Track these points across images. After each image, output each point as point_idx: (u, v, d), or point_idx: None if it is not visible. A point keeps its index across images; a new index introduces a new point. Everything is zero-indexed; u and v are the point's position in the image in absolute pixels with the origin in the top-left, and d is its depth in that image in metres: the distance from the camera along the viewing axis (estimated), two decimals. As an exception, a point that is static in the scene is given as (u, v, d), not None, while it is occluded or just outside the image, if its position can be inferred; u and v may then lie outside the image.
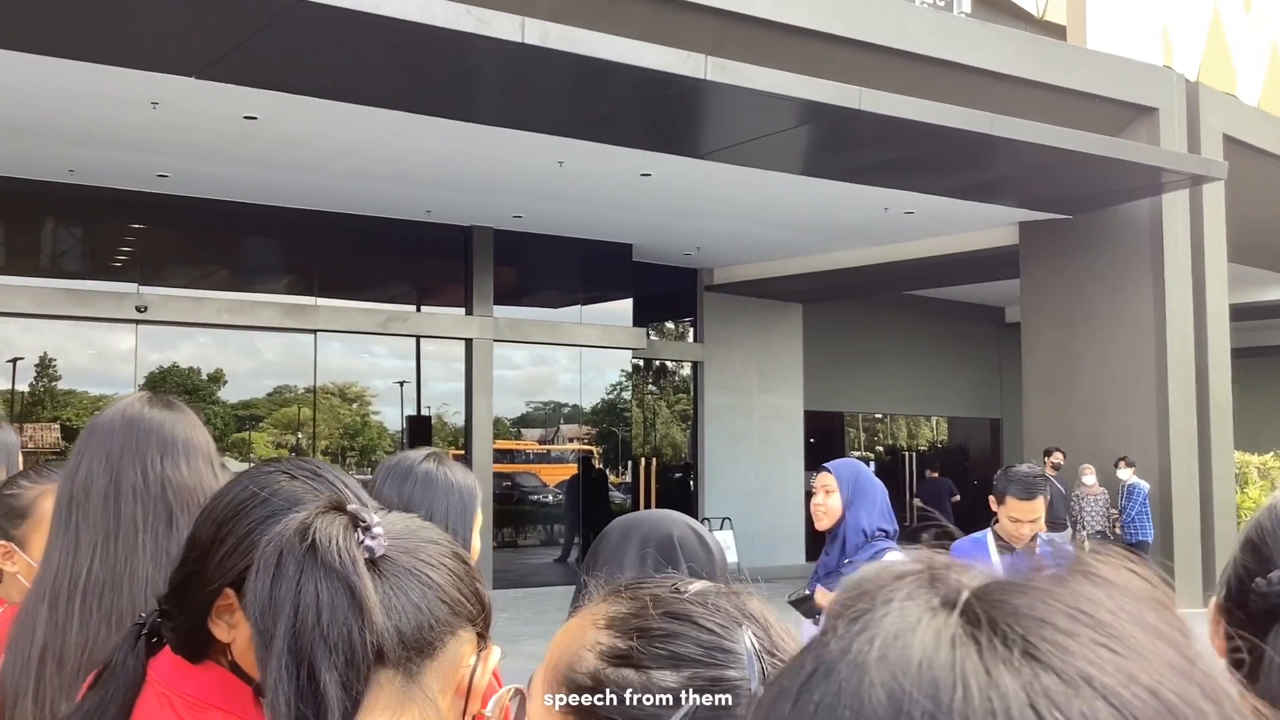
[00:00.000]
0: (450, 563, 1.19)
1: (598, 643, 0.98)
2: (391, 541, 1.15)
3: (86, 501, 1.78)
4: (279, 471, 1.53)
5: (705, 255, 17.71)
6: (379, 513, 1.20)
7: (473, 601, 1.20)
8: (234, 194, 13.56)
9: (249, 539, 1.42)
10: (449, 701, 1.16)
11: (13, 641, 1.77)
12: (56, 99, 10.03)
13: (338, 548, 1.09)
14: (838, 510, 4.31)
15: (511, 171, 12.68)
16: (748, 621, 0.97)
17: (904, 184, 12.99)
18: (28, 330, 13.45)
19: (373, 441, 16.25)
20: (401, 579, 1.14)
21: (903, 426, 24.34)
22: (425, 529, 1.22)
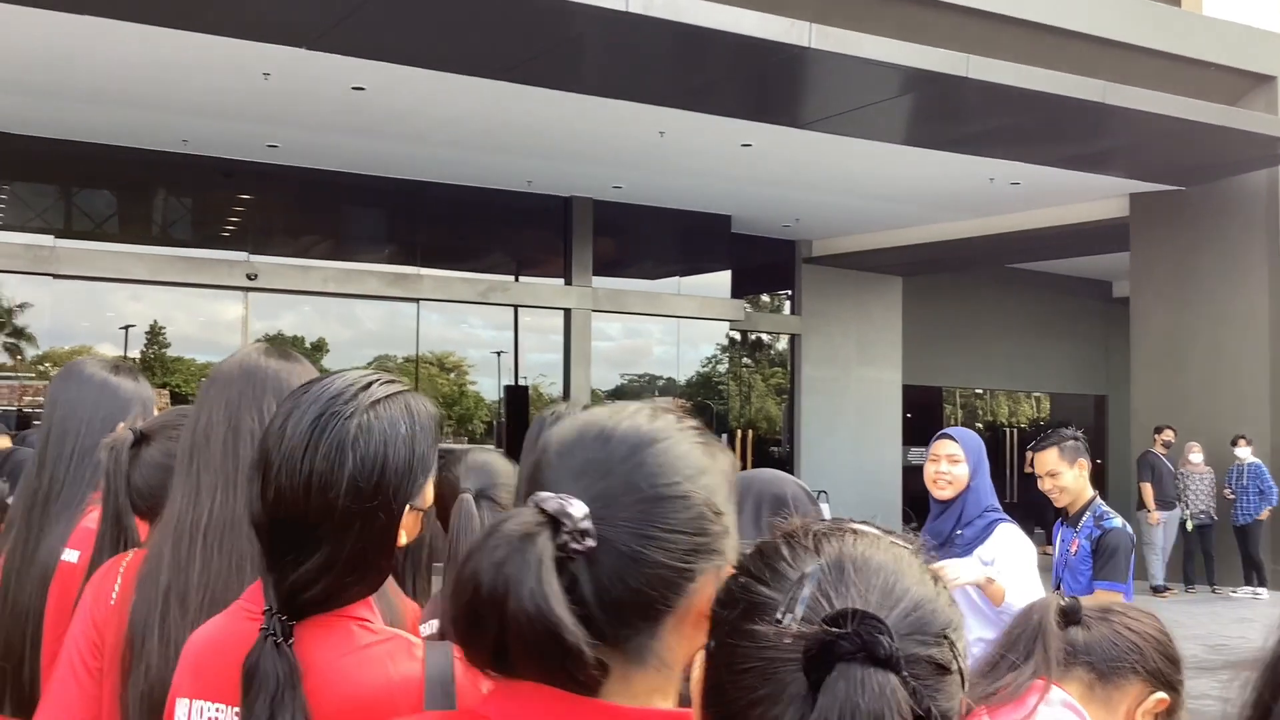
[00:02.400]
0: (676, 519, 1.09)
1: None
2: (599, 519, 1.06)
3: (207, 447, 1.83)
4: (353, 407, 1.53)
5: (804, 227, 17.57)
6: (586, 472, 1.10)
7: (709, 548, 1.10)
8: (341, 164, 13.78)
9: (403, 465, 1.51)
10: (685, 639, 1.09)
11: (140, 582, 1.84)
12: (171, 70, 10.28)
13: (532, 591, 1.00)
14: (964, 479, 4.24)
15: (612, 142, 12.70)
16: (827, 563, 0.95)
17: (1010, 154, 12.75)
18: (138, 299, 13.84)
19: (470, 411, 16.45)
20: (616, 563, 1.05)
21: (1003, 403, 23.95)
22: (638, 481, 1.09)
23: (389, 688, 1.46)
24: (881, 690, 0.86)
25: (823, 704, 0.86)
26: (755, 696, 0.92)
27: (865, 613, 0.89)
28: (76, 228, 13.56)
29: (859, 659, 0.87)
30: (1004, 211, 15.87)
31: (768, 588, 0.96)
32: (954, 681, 0.93)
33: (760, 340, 19.51)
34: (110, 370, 2.78)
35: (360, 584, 1.50)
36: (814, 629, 0.89)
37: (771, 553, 0.99)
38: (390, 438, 1.52)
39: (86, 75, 10.48)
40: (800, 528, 1.00)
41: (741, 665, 0.93)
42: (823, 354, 18.83)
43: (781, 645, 0.91)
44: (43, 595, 2.44)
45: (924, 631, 0.93)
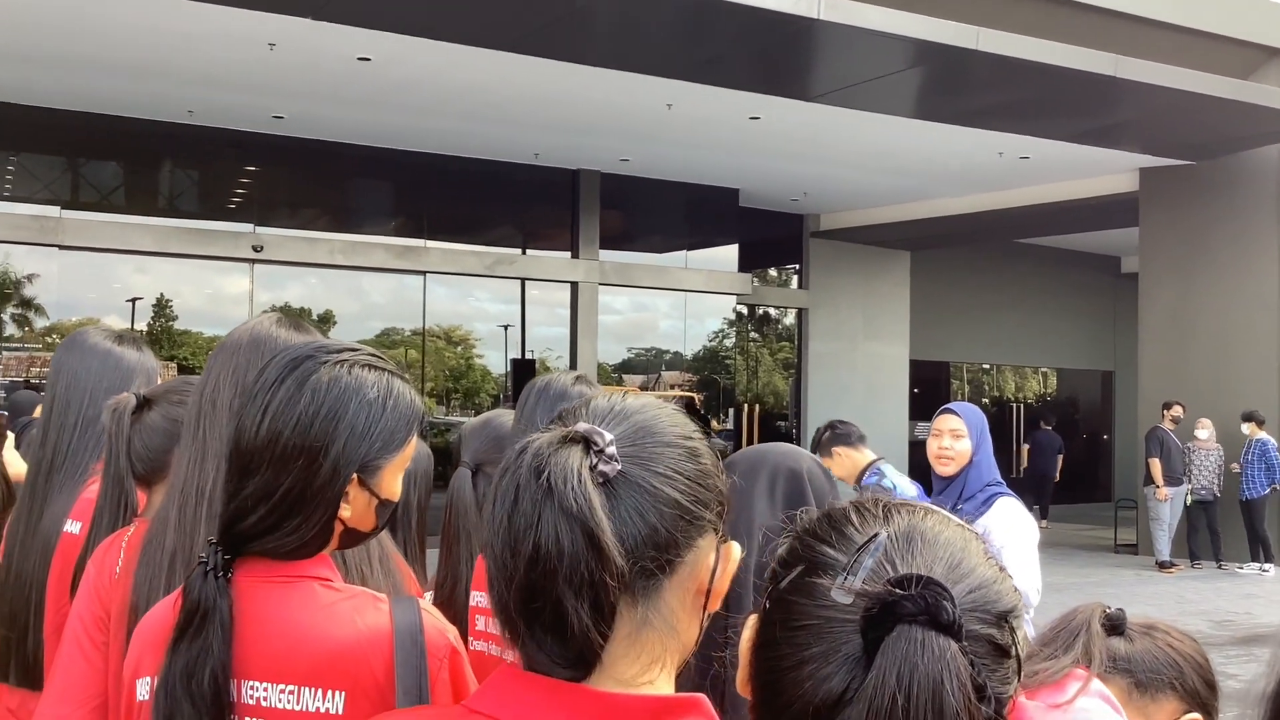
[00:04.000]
0: (687, 467, 1.11)
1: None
2: (624, 454, 1.09)
3: (213, 414, 1.84)
4: (333, 359, 1.57)
5: (813, 200, 17.51)
6: (610, 417, 1.13)
7: (712, 506, 1.13)
8: (346, 136, 13.74)
9: (360, 426, 1.53)
10: (688, 610, 1.11)
11: (145, 546, 1.84)
12: (176, 40, 10.23)
13: (574, 490, 1.03)
14: (967, 454, 4.22)
15: (620, 114, 12.64)
16: (895, 532, 0.94)
17: (1020, 128, 12.69)
18: (144, 271, 13.84)
19: (477, 384, 16.46)
20: (636, 497, 1.08)
21: (1009, 378, 23.92)
22: (657, 428, 1.13)
23: (359, 640, 1.48)
24: (942, 654, 0.85)
25: (880, 664, 0.85)
26: (807, 654, 0.91)
27: (930, 578, 0.88)
28: (83, 199, 13.54)
29: (921, 621, 0.86)
30: (1013, 186, 15.81)
31: (832, 548, 0.95)
32: (1011, 667, 0.92)
33: (768, 314, 19.49)
34: (114, 340, 2.78)
35: (300, 529, 1.51)
36: (878, 588, 0.89)
37: (839, 517, 0.98)
38: (354, 394, 1.55)
39: (92, 45, 10.44)
40: (870, 499, 1.00)
41: (797, 622, 0.93)
42: (830, 328, 18.81)
43: (841, 604, 0.90)
44: (46, 566, 2.45)
45: (986, 611, 0.92)
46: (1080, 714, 1.79)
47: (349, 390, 1.54)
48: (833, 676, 0.89)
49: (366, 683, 1.46)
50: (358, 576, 1.73)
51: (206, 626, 1.43)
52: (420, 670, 1.48)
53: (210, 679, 1.41)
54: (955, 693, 0.84)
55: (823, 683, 0.89)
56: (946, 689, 0.84)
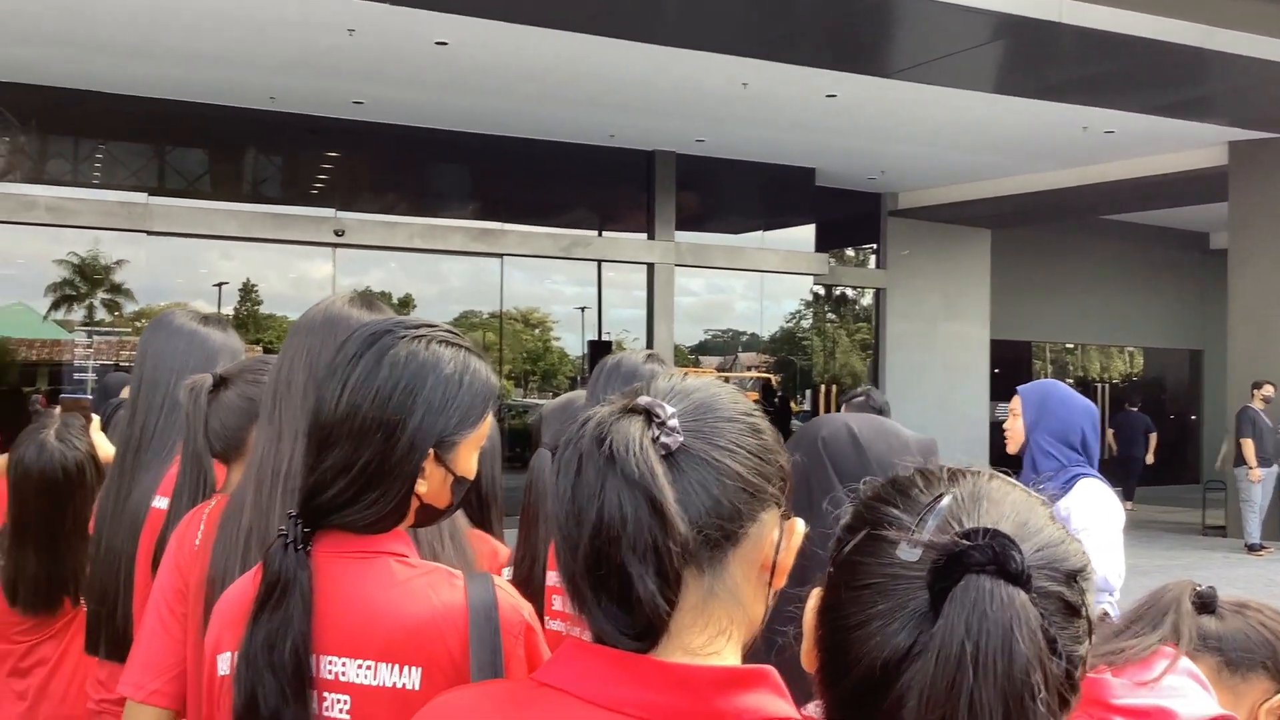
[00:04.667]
0: (749, 441, 1.12)
1: None
2: (686, 429, 1.09)
3: (289, 394, 1.86)
4: (411, 334, 1.58)
5: (890, 179, 17.32)
6: (671, 395, 1.14)
7: (775, 480, 1.13)
8: (424, 120, 13.86)
9: (436, 401, 1.54)
10: (753, 585, 1.12)
11: (223, 524, 1.88)
12: (258, 27, 10.39)
13: (636, 457, 1.04)
14: (1020, 434, 4.20)
15: (695, 94, 12.60)
16: (961, 493, 0.94)
17: (1105, 102, 12.41)
18: (230, 256, 14.11)
19: (554, 367, 16.55)
20: (698, 470, 1.08)
21: (1095, 358, 23.48)
22: (717, 405, 1.14)
23: (434, 616, 1.49)
24: (1011, 602, 0.84)
25: (948, 613, 0.84)
26: (873, 612, 0.90)
27: (997, 530, 0.87)
28: (169, 185, 13.83)
29: (989, 571, 0.85)
30: (1097, 161, 15.49)
31: (898, 509, 0.95)
32: (1082, 627, 0.91)
33: (845, 295, 19.33)
34: (199, 322, 2.83)
35: (378, 503, 1.52)
36: (944, 540, 0.88)
37: (905, 482, 0.98)
38: (430, 369, 1.56)
39: (177, 34, 10.63)
40: (935, 465, 1.00)
41: (862, 581, 0.92)
42: (908, 308, 18.61)
43: (907, 561, 0.90)
44: (134, 541, 2.50)
45: (1056, 569, 0.91)
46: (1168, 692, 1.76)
47: (426, 365, 1.55)
48: (900, 632, 0.88)
49: (442, 659, 1.47)
50: (429, 554, 1.74)
51: (287, 599, 1.45)
52: (495, 647, 1.49)
53: (291, 650, 1.43)
54: (1026, 641, 0.83)
55: (890, 638, 0.89)
56: (1016, 637, 0.83)
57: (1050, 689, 0.84)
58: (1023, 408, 4.24)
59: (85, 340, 13.60)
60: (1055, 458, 4.15)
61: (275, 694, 1.43)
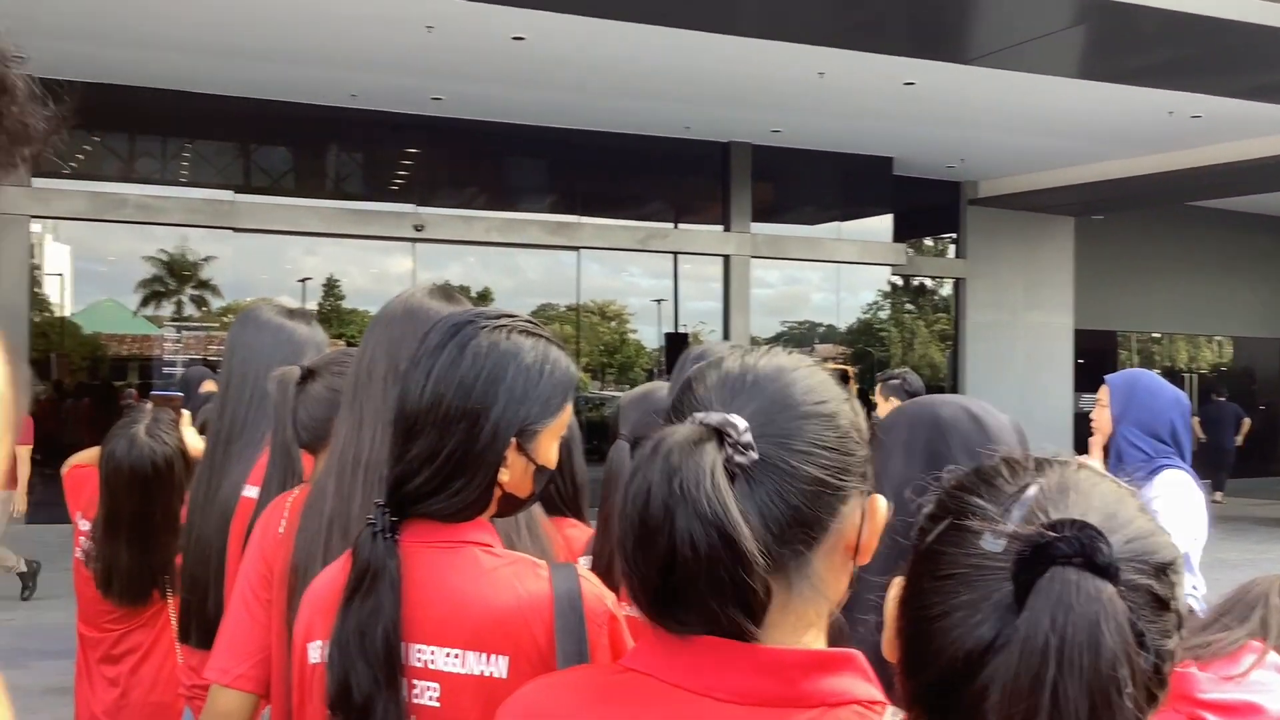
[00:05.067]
0: (828, 436, 1.08)
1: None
2: (760, 435, 1.06)
3: (369, 384, 1.88)
4: (491, 324, 1.60)
5: (970, 167, 17.09)
6: (741, 389, 1.10)
7: (856, 469, 1.10)
8: (502, 115, 13.97)
9: (518, 390, 1.55)
10: (836, 570, 1.10)
11: (305, 512, 1.91)
12: (338, 26, 10.55)
13: (708, 495, 1.00)
14: (1107, 425, 4.12)
15: (770, 84, 12.54)
16: (1048, 483, 0.92)
17: (1191, 85, 12.13)
18: (313, 252, 14.35)
19: (630, 359, 16.59)
20: (776, 479, 1.05)
21: (1182, 348, 22.97)
22: (791, 399, 1.09)
23: (520, 606, 1.50)
24: (1098, 595, 0.82)
25: (1033, 605, 0.83)
26: (956, 602, 0.89)
27: (1085, 521, 0.86)
28: (254, 183, 14.10)
29: (1076, 563, 0.84)
30: (1184, 146, 15.14)
31: (982, 499, 0.93)
32: (1171, 621, 0.89)
33: (923, 285, 19.12)
34: (286, 316, 2.88)
35: (463, 491, 1.53)
36: (1030, 531, 0.87)
37: (990, 471, 0.97)
38: (512, 358, 1.57)
39: (260, 34, 10.83)
40: (1022, 454, 0.98)
41: (945, 571, 0.91)
42: (989, 298, 18.35)
43: (991, 551, 0.88)
44: (224, 532, 2.56)
45: (1145, 561, 0.89)
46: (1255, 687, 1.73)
47: (507, 355, 1.57)
48: (983, 623, 0.87)
49: (528, 647, 1.48)
50: (506, 544, 1.77)
51: (377, 586, 1.47)
52: (580, 636, 1.50)
53: (383, 637, 1.45)
54: (1113, 635, 0.82)
55: (973, 629, 0.87)
56: (1103, 630, 0.81)
57: (1137, 684, 0.83)
58: (1110, 398, 4.16)
59: (174, 335, 13.93)
60: (1142, 450, 4.06)
61: (368, 680, 1.45)
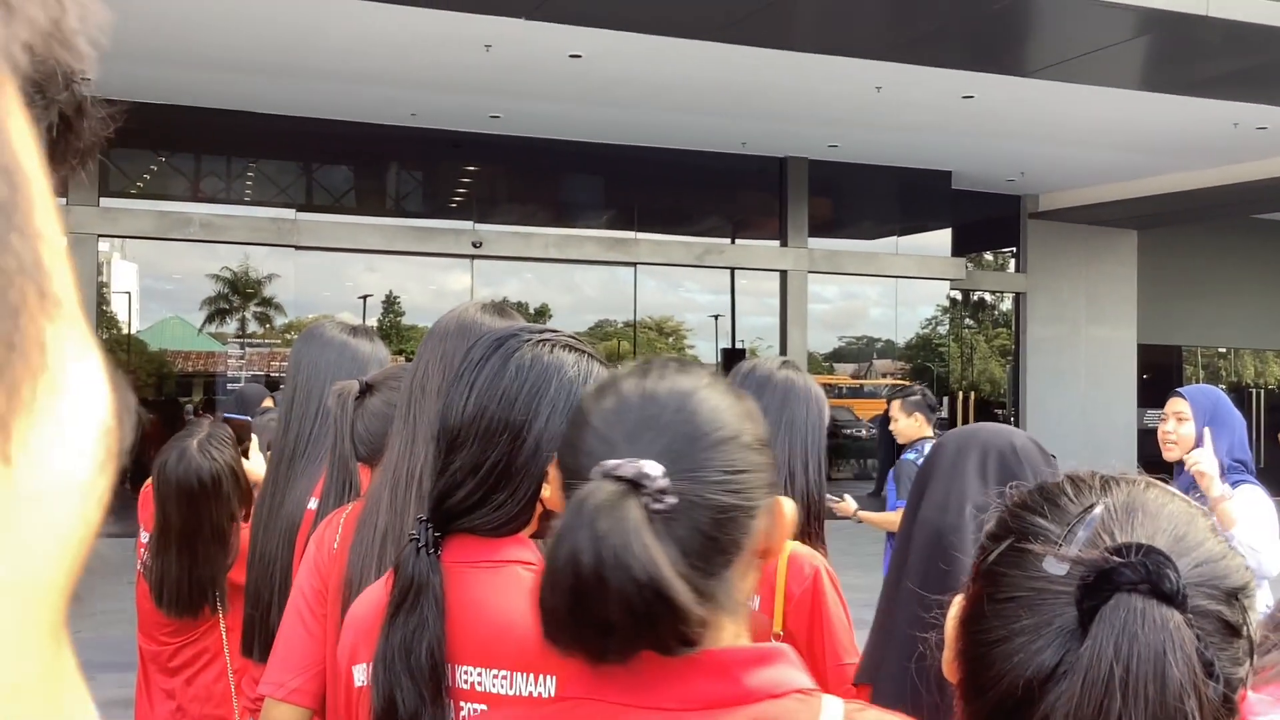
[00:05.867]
0: (737, 460, 1.06)
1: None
2: (673, 474, 1.02)
3: (423, 398, 1.89)
4: (535, 339, 1.60)
5: (1030, 180, 16.92)
6: (648, 433, 1.06)
7: (764, 485, 1.08)
8: (559, 132, 14.05)
9: (561, 404, 1.55)
10: (746, 575, 1.09)
11: (359, 526, 1.92)
12: (398, 46, 10.68)
13: (637, 558, 0.96)
14: (1190, 439, 4.04)
15: (827, 99, 12.51)
16: (1114, 503, 0.90)
17: (1256, 96, 11.94)
18: (373, 269, 14.51)
19: (688, 374, 16.57)
20: (692, 515, 1.03)
21: (1249, 362, 22.55)
22: (698, 429, 1.06)
23: None
24: (1164, 624, 0.80)
25: (1096, 634, 0.81)
26: (1017, 626, 0.87)
27: (1151, 546, 0.84)
28: (316, 201, 14.30)
29: (1141, 590, 0.82)
30: (1249, 158, 14.89)
31: (1045, 519, 0.91)
32: (1242, 647, 0.87)
33: (983, 300, 18.95)
34: (349, 333, 2.92)
35: (506, 505, 1.53)
36: (1094, 555, 0.85)
37: (1054, 490, 0.95)
38: (555, 372, 1.57)
39: (321, 54, 10.99)
40: (1087, 472, 0.96)
41: (1006, 594, 0.89)
42: (1050, 312, 18.14)
43: (1054, 574, 0.86)
44: (288, 546, 2.59)
45: (1215, 586, 0.86)
46: None
47: (550, 368, 1.57)
48: (1045, 649, 0.85)
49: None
50: None
51: (421, 602, 1.47)
52: None
53: (427, 653, 1.45)
54: (1180, 665, 0.79)
55: (1034, 656, 0.86)
56: (1170, 661, 0.79)
57: (1205, 715, 0.81)
58: (1193, 412, 4.09)
59: (238, 352, 14.14)
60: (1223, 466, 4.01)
61: (413, 696, 1.44)
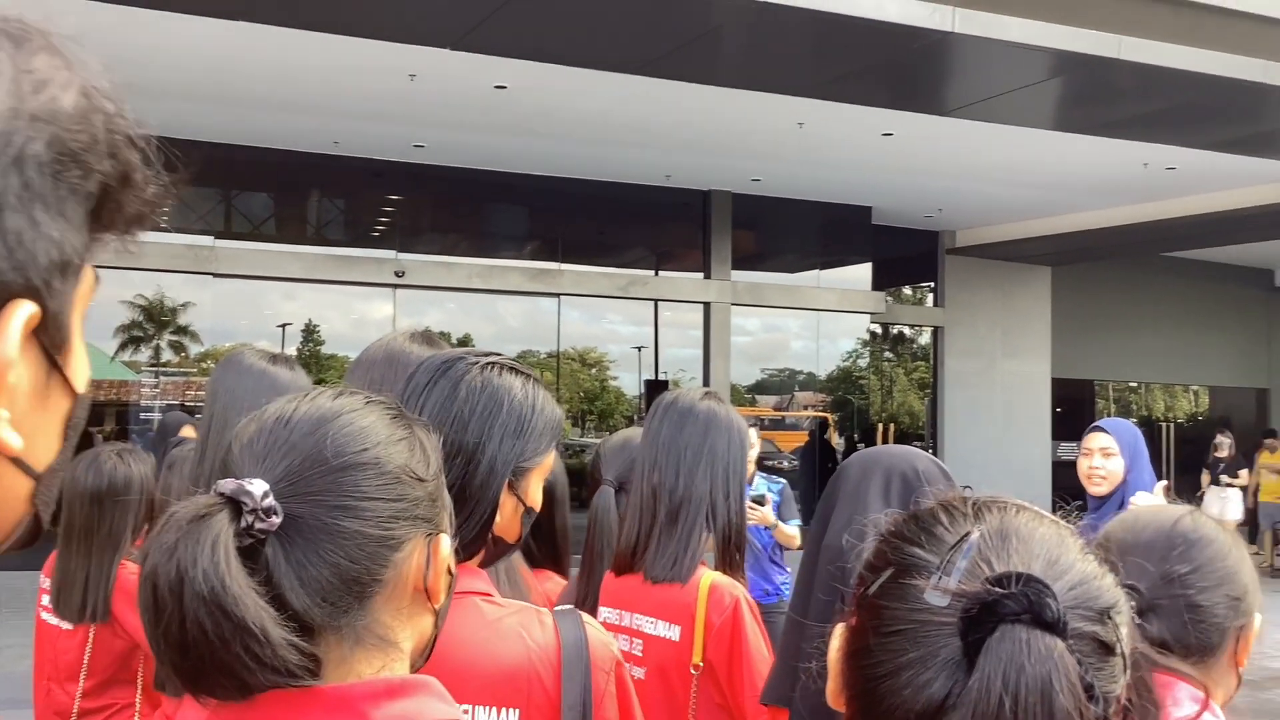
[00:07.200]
0: (371, 486, 1.04)
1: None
2: (290, 495, 1.00)
3: None
4: (482, 362, 1.60)
5: (948, 217, 17.23)
6: (271, 454, 1.04)
7: (411, 513, 1.06)
8: (483, 162, 14.03)
9: (512, 427, 1.54)
10: (407, 614, 1.07)
11: None
12: (321, 74, 10.60)
13: (205, 572, 0.93)
14: (1119, 474, 4.11)
15: (751, 134, 12.64)
16: (989, 530, 0.91)
17: (1166, 138, 12.28)
18: (293, 297, 14.32)
19: (611, 406, 16.57)
20: (312, 540, 1.00)
21: (1159, 397, 23.11)
22: (325, 453, 1.03)
23: (529, 657, 1.48)
24: (1049, 653, 0.81)
25: (984, 665, 0.82)
26: (904, 660, 0.87)
27: (1031, 575, 0.85)
28: (235, 229, 14.10)
29: (1024, 620, 0.83)
30: (1159, 198, 15.31)
31: (922, 549, 0.92)
32: (1117, 665, 0.88)
33: (902, 333, 19.21)
34: (268, 361, 2.87)
35: (461, 530, 1.48)
36: (976, 587, 0.86)
37: (928, 518, 0.95)
38: (505, 394, 1.56)
39: (243, 81, 10.87)
40: (959, 498, 0.97)
41: (890, 627, 0.89)
42: (967, 346, 18.45)
43: (936, 606, 0.87)
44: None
45: (1089, 607, 0.88)
46: None
47: (501, 391, 1.56)
48: (933, 682, 0.85)
49: (540, 699, 1.46)
50: None
51: None
52: (585, 685, 1.48)
53: None
54: (1065, 693, 0.81)
55: (923, 689, 0.86)
56: (1056, 689, 0.80)
57: None
58: (1120, 447, 4.15)
59: (152, 381, 13.85)
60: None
61: None
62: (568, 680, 1.47)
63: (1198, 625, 1.69)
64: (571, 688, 1.47)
